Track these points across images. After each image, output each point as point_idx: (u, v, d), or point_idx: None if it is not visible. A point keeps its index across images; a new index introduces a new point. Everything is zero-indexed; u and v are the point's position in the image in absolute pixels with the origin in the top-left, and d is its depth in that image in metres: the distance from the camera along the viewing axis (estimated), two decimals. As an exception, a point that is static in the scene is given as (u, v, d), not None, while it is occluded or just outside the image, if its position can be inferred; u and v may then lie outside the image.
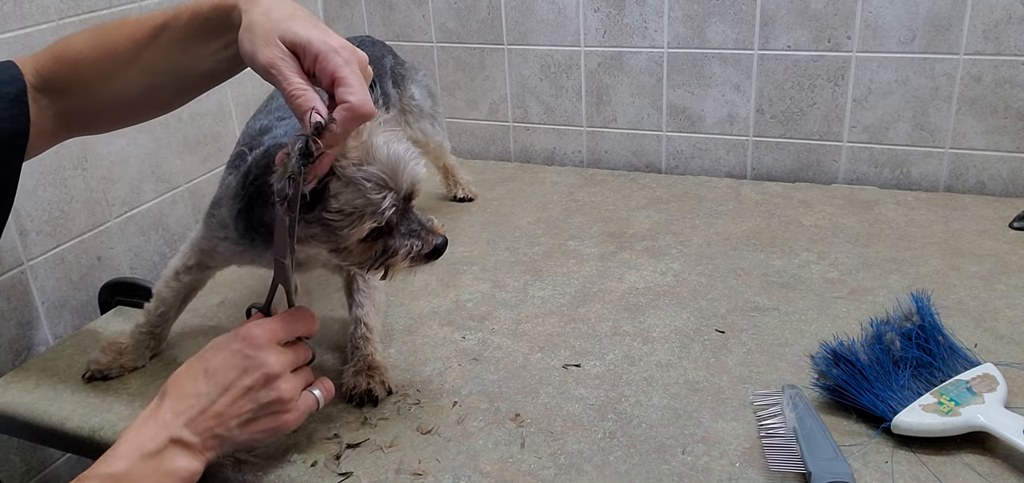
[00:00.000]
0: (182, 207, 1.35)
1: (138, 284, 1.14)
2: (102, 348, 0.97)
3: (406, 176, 0.77)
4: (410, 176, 0.77)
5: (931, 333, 0.81)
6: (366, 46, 1.18)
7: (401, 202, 0.77)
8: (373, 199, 0.74)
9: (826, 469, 0.69)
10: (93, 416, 0.89)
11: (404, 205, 0.78)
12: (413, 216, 0.80)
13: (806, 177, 1.41)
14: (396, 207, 0.76)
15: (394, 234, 0.79)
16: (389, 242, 0.79)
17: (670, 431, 0.79)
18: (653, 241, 1.20)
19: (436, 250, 0.81)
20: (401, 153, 0.77)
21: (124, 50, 0.79)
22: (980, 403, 0.74)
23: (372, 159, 0.75)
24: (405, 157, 0.77)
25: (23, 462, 1.11)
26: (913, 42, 1.27)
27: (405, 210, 0.79)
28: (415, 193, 0.79)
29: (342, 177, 0.74)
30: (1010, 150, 1.27)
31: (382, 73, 1.18)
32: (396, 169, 0.75)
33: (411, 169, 0.77)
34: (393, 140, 0.77)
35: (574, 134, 1.56)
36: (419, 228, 0.80)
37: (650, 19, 1.41)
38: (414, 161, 0.78)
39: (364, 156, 0.75)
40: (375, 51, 1.20)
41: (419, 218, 0.81)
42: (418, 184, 0.79)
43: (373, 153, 0.75)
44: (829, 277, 1.06)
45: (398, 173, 0.76)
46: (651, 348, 0.93)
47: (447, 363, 0.94)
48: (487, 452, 0.78)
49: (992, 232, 1.14)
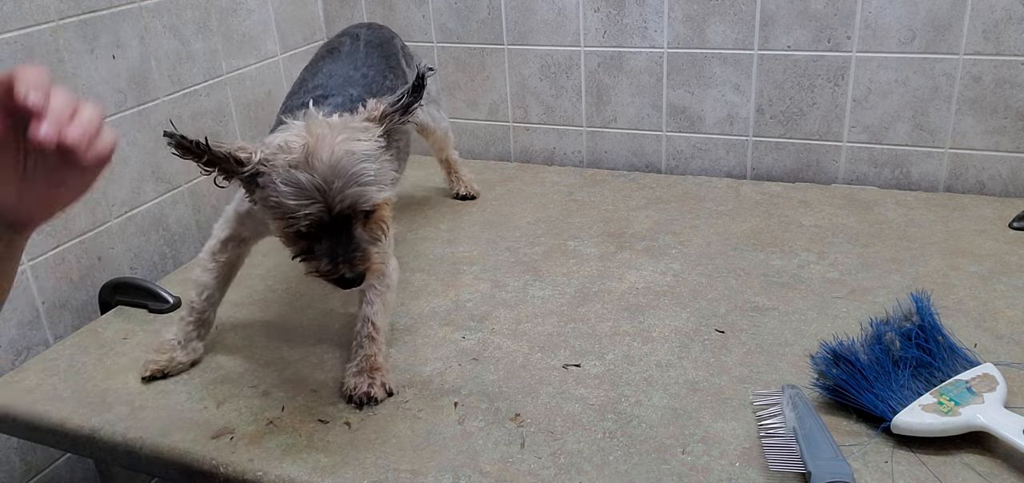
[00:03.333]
0: (182, 207, 1.35)
1: (138, 284, 1.14)
2: (157, 348, 0.97)
3: (341, 195, 0.75)
4: (348, 197, 0.76)
5: (931, 333, 0.81)
6: (373, 29, 1.20)
7: (328, 216, 0.76)
8: (290, 205, 0.75)
9: (826, 469, 0.69)
10: (93, 416, 0.89)
11: (335, 221, 0.77)
12: (349, 235, 0.78)
13: (806, 177, 1.41)
14: (318, 219, 0.76)
15: (317, 242, 0.78)
16: (310, 245, 0.79)
17: (670, 431, 0.79)
18: (653, 241, 1.20)
19: (341, 280, 0.79)
20: (345, 169, 0.75)
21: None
22: (980, 403, 0.74)
23: (311, 166, 0.74)
24: (348, 174, 0.75)
25: (23, 462, 1.11)
26: (913, 42, 1.27)
27: (340, 226, 0.77)
28: (354, 214, 0.77)
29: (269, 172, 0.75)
30: (1010, 150, 1.27)
31: (395, 51, 1.19)
32: (330, 185, 0.75)
33: (352, 191, 0.76)
34: (346, 155, 0.75)
35: (574, 134, 1.56)
36: (343, 251, 0.78)
37: (650, 19, 1.41)
38: (358, 183, 0.76)
39: (304, 160, 0.75)
40: (383, 33, 1.21)
41: (355, 240, 0.78)
42: (358, 206, 0.77)
43: (314, 159, 0.74)
44: (829, 277, 1.06)
45: (332, 190, 0.75)
46: (651, 348, 0.93)
47: (447, 363, 0.94)
48: (487, 452, 0.78)
49: (992, 232, 1.14)
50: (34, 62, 1.08)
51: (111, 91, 1.19)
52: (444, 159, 1.41)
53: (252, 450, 0.81)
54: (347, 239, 0.78)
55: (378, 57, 1.13)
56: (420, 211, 1.38)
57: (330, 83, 1.03)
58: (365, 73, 1.07)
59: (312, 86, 1.03)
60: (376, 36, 1.18)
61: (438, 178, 1.46)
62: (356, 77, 1.05)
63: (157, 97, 1.27)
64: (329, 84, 1.03)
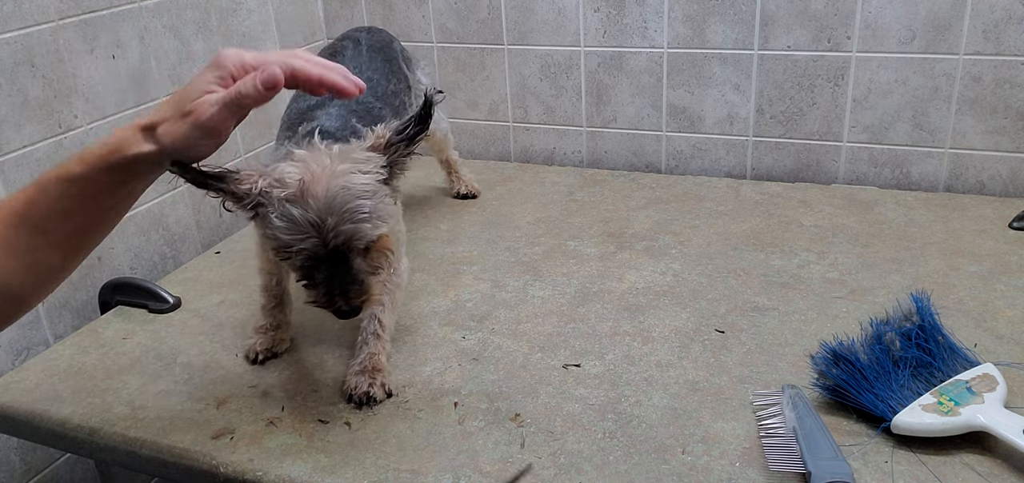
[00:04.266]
0: (182, 207, 1.35)
1: (138, 284, 1.14)
2: (254, 331, 0.99)
3: (334, 232, 0.75)
4: (342, 233, 0.75)
5: (931, 333, 0.81)
6: (373, 33, 1.20)
7: (324, 250, 0.76)
8: (285, 240, 0.75)
9: (826, 469, 0.69)
10: (93, 416, 0.89)
11: (332, 254, 0.77)
12: (347, 267, 0.78)
13: (806, 177, 1.41)
14: (313, 254, 0.76)
15: (315, 271, 0.78)
16: (310, 273, 0.79)
17: (670, 431, 0.79)
18: (653, 241, 1.20)
19: (338, 311, 0.80)
20: (340, 205, 0.75)
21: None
22: (980, 403, 0.74)
23: (306, 201, 0.74)
24: (343, 210, 0.75)
25: (23, 462, 1.11)
26: (913, 42, 1.27)
27: (337, 258, 0.77)
28: (351, 247, 0.77)
29: (268, 204, 0.75)
30: (1010, 150, 1.27)
31: (395, 55, 1.19)
32: (325, 221, 0.75)
33: (346, 228, 0.75)
34: (342, 191, 0.75)
35: (574, 134, 1.56)
36: (340, 283, 0.78)
37: (650, 19, 1.41)
38: (352, 221, 0.75)
39: (299, 194, 0.75)
40: (384, 37, 1.21)
41: (353, 272, 0.78)
42: (353, 243, 0.77)
43: (309, 195, 0.74)
44: (829, 277, 1.06)
45: (326, 225, 0.75)
46: (651, 348, 0.93)
47: (447, 363, 0.94)
48: (487, 452, 0.78)
49: (992, 232, 1.14)
50: (34, 62, 1.08)
51: (111, 91, 1.19)
52: (444, 159, 1.41)
53: (252, 450, 0.81)
54: (345, 271, 0.78)
55: (380, 61, 1.13)
56: (420, 211, 1.38)
57: None
58: (369, 77, 1.07)
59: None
60: (377, 40, 1.18)
61: (438, 178, 1.46)
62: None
63: (157, 97, 1.27)
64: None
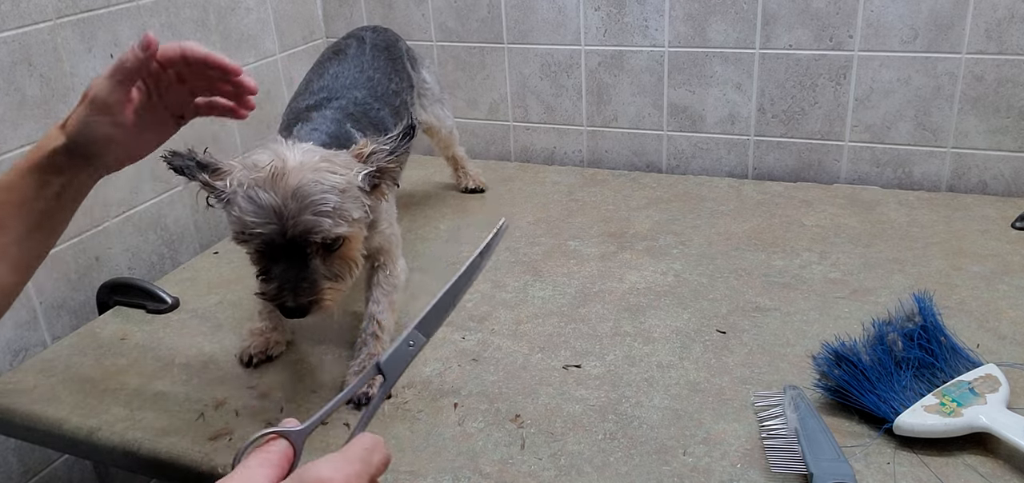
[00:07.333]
0: (180, 207, 1.34)
1: (136, 285, 1.13)
2: (249, 333, 0.97)
3: (294, 220, 0.75)
4: (301, 223, 0.75)
5: (933, 334, 0.81)
6: (378, 32, 1.20)
7: (282, 239, 0.75)
8: (246, 221, 0.75)
9: (828, 470, 0.68)
10: (91, 417, 0.88)
11: (291, 246, 0.76)
12: (304, 265, 0.77)
13: (808, 177, 1.41)
14: (270, 240, 0.75)
15: (272, 264, 0.78)
16: (268, 267, 0.78)
17: (671, 432, 0.79)
18: (654, 241, 1.19)
19: (283, 308, 0.79)
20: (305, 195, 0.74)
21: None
22: (982, 404, 0.73)
23: (275, 185, 0.74)
24: (307, 200, 0.74)
25: (21, 463, 1.11)
26: (915, 41, 1.26)
27: (295, 253, 0.77)
28: (310, 241, 0.76)
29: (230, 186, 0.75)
30: (1012, 150, 1.27)
31: (400, 55, 1.19)
32: (287, 206, 0.74)
33: (306, 218, 0.75)
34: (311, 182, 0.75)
35: (574, 134, 1.56)
36: (292, 279, 0.77)
37: (651, 18, 1.41)
38: (314, 212, 0.75)
39: (269, 179, 0.74)
40: (389, 36, 1.21)
41: (308, 270, 0.77)
42: (312, 234, 0.76)
43: (278, 181, 0.74)
44: (831, 277, 1.05)
45: (287, 211, 0.74)
46: (652, 349, 0.93)
47: (447, 363, 0.93)
48: (487, 453, 0.78)
49: (994, 232, 1.14)
50: (32, 61, 1.08)
51: (109, 90, 1.19)
52: (450, 156, 1.41)
53: (250, 451, 0.80)
54: (301, 268, 0.77)
55: (384, 60, 1.13)
56: (420, 210, 1.38)
57: (335, 85, 1.03)
58: (371, 76, 1.07)
59: (317, 88, 1.04)
60: (382, 39, 1.18)
61: (438, 176, 1.46)
62: (362, 80, 1.06)
63: (156, 96, 1.26)
64: (334, 86, 1.03)
